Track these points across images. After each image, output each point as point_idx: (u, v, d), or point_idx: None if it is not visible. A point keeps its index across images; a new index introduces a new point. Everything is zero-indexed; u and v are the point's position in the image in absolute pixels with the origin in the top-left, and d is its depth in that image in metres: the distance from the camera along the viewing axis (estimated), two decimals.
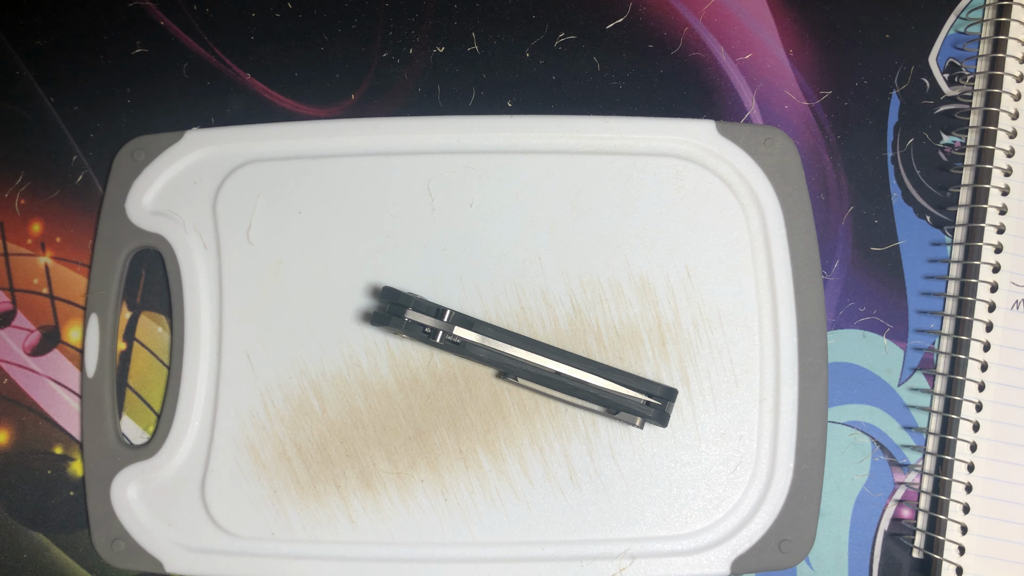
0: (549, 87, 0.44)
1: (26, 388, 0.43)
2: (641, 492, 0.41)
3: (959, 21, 0.44)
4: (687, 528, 0.41)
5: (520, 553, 0.41)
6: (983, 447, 0.41)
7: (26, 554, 0.42)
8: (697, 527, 0.41)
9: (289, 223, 0.43)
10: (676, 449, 0.41)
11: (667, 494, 0.41)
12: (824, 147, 0.44)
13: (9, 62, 0.46)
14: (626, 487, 0.41)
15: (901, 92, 0.44)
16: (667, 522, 0.41)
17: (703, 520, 0.41)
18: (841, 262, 0.43)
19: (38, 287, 0.44)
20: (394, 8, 0.45)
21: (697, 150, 0.43)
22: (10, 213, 0.44)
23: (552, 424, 0.41)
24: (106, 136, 0.45)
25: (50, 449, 0.43)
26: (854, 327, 0.43)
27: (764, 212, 0.42)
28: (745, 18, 0.45)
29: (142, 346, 0.43)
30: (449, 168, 0.43)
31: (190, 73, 0.45)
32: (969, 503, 0.41)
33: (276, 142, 0.43)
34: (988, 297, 0.42)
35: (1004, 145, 0.43)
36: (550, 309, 0.42)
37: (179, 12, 0.46)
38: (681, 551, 0.40)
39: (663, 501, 0.41)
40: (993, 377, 0.41)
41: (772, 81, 0.44)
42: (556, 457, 0.41)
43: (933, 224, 0.43)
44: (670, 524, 0.41)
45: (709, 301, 0.42)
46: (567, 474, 0.41)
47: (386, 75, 0.45)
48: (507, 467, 0.41)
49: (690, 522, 0.41)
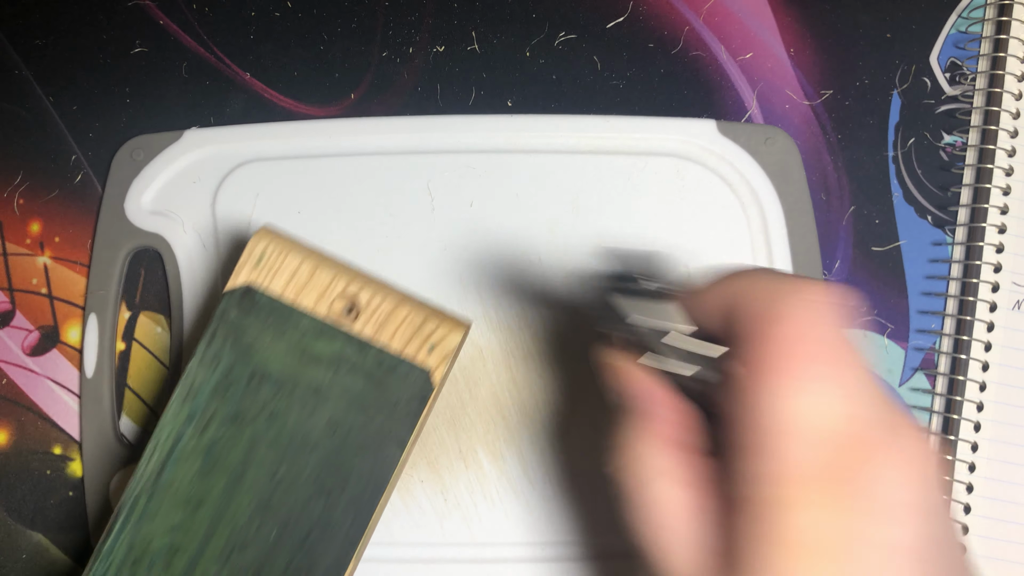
0: (549, 86, 0.44)
1: (25, 388, 0.43)
2: None
3: (960, 20, 0.44)
4: None
5: (520, 553, 0.41)
6: (984, 447, 0.41)
7: (25, 554, 0.42)
8: None
9: (289, 223, 0.43)
10: None
11: None
12: (825, 147, 0.44)
13: (8, 61, 0.45)
14: None
15: (902, 91, 0.44)
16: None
17: None
18: (842, 262, 0.43)
19: (37, 287, 0.44)
20: (394, 8, 0.45)
21: (698, 150, 0.43)
22: (9, 213, 0.44)
23: (552, 424, 0.41)
24: (105, 136, 0.45)
25: (49, 449, 0.43)
26: (854, 327, 0.43)
27: (765, 212, 0.42)
28: (746, 17, 0.45)
29: (141, 346, 0.43)
30: (449, 168, 0.43)
31: (189, 72, 0.45)
32: (970, 503, 0.41)
33: (276, 142, 0.43)
34: (989, 297, 0.42)
35: (1005, 145, 0.42)
36: (550, 309, 0.42)
37: (178, 11, 0.45)
38: None
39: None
40: (994, 377, 0.41)
41: (773, 80, 0.44)
42: (556, 457, 0.41)
43: (934, 224, 0.43)
44: None
45: None
46: (567, 474, 0.41)
47: (386, 75, 0.45)
48: (507, 467, 0.41)
49: None
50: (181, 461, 0.33)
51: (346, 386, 0.33)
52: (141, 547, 0.33)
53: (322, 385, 0.33)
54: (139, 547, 0.33)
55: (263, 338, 0.33)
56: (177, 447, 0.33)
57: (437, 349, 0.33)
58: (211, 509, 0.33)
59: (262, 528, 0.33)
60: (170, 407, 0.33)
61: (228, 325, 0.33)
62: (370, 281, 0.34)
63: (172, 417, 0.33)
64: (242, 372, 0.33)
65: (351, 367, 0.33)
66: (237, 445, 0.33)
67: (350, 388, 0.33)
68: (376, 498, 0.33)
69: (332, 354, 0.33)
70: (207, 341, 0.33)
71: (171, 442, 0.33)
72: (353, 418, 0.33)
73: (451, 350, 0.34)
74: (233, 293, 0.33)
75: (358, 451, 0.33)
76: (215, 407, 0.33)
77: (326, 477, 0.33)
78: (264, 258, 0.34)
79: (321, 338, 0.33)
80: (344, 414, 0.33)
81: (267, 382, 0.33)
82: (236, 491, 0.33)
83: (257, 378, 0.33)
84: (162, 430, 0.33)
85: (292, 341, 0.33)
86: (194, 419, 0.33)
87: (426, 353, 0.33)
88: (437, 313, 0.34)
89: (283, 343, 0.33)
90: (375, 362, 0.33)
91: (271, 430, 0.33)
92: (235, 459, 0.33)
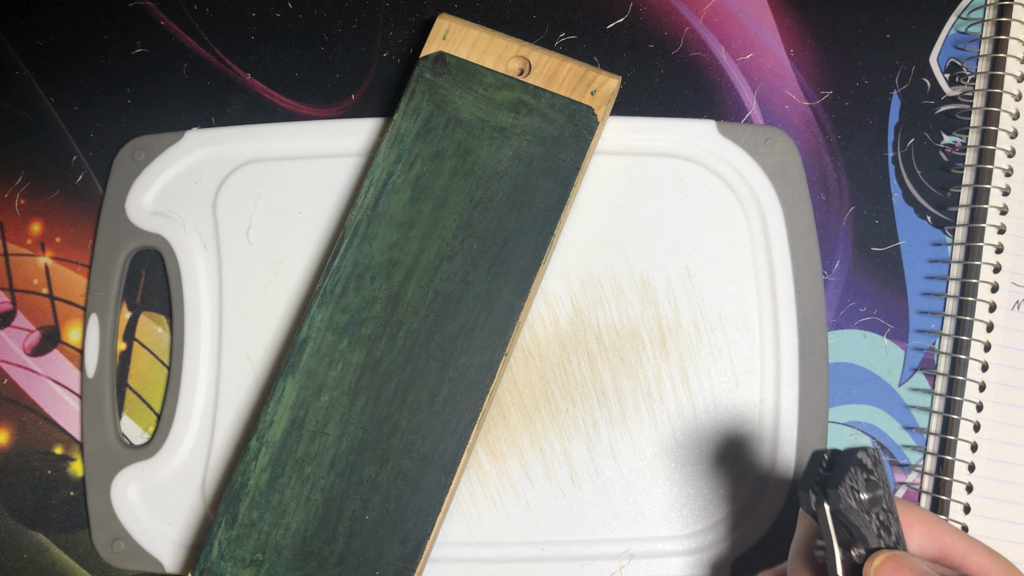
0: None
1: (26, 388, 0.43)
2: (641, 492, 0.41)
3: (960, 21, 0.44)
4: (687, 528, 0.41)
5: (520, 553, 0.41)
6: (984, 447, 0.41)
7: (26, 554, 0.42)
8: (697, 527, 0.41)
9: (289, 223, 0.43)
10: (676, 449, 0.41)
11: (667, 494, 0.41)
12: (825, 147, 0.44)
13: (9, 62, 0.45)
14: (626, 487, 0.41)
15: (902, 92, 0.44)
16: (667, 522, 0.41)
17: (703, 520, 0.41)
18: (842, 262, 0.43)
19: (38, 287, 0.44)
20: (394, 8, 0.45)
21: (698, 150, 0.43)
22: (10, 213, 0.44)
23: (552, 424, 0.41)
24: (106, 136, 0.45)
25: (50, 449, 0.43)
26: (855, 327, 0.43)
27: (765, 212, 0.42)
28: (746, 18, 0.45)
29: (142, 346, 0.43)
30: None
31: (190, 73, 0.45)
32: (970, 503, 0.41)
33: (276, 142, 0.43)
34: (989, 297, 0.42)
35: (1005, 145, 0.43)
36: (550, 309, 0.42)
37: (179, 12, 0.46)
38: (681, 551, 0.40)
39: (663, 501, 0.41)
40: (994, 377, 0.41)
41: (773, 81, 0.44)
42: (556, 457, 0.41)
43: (934, 224, 0.43)
44: (670, 524, 0.41)
45: (710, 301, 0.42)
46: (567, 474, 0.41)
47: (386, 75, 0.45)
48: (507, 467, 0.41)
49: (690, 522, 0.41)
50: (393, 193, 0.40)
51: (525, 125, 0.40)
52: (364, 263, 0.40)
53: (505, 126, 0.40)
54: (362, 263, 0.40)
55: (454, 91, 0.41)
56: (389, 182, 0.40)
57: (599, 92, 0.40)
58: (422, 229, 0.40)
59: (465, 241, 0.40)
60: (380, 152, 0.40)
61: (425, 83, 0.41)
62: (537, 47, 0.41)
63: (383, 159, 0.40)
64: (439, 119, 0.40)
65: (528, 110, 0.40)
66: (440, 177, 0.40)
67: (529, 126, 0.40)
68: (558, 213, 0.40)
69: (512, 100, 0.41)
70: (408, 98, 0.41)
71: (383, 179, 0.40)
72: (533, 150, 0.40)
73: (610, 92, 0.41)
74: (427, 59, 0.41)
75: (540, 175, 0.40)
76: (419, 148, 0.40)
77: (515, 197, 0.40)
78: (448, 33, 0.41)
79: (502, 89, 0.41)
80: (526, 147, 0.40)
81: (460, 126, 0.40)
82: (441, 213, 0.40)
83: (452, 123, 0.40)
84: (375, 171, 0.40)
85: (478, 93, 0.41)
86: (401, 159, 0.40)
87: (590, 96, 0.41)
88: (594, 68, 0.41)
89: (471, 95, 0.41)
90: (548, 104, 0.40)
91: (467, 163, 0.40)
92: (439, 188, 0.40)
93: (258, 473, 0.38)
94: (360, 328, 0.39)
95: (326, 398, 0.39)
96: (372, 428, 0.39)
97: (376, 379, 0.39)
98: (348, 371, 0.39)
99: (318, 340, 0.39)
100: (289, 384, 0.39)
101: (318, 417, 0.39)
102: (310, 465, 0.38)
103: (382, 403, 0.39)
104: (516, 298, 0.39)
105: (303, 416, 0.39)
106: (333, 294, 0.39)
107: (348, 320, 0.39)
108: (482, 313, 0.39)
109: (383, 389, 0.39)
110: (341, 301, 0.39)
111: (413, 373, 0.39)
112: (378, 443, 0.39)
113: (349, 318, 0.39)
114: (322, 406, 0.39)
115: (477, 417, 0.39)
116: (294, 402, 0.39)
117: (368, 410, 0.39)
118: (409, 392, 0.39)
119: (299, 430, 0.39)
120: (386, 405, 0.39)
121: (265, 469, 0.38)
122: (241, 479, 0.39)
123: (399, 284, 0.39)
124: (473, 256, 0.40)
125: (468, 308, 0.39)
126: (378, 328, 0.39)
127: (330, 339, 0.39)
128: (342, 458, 0.38)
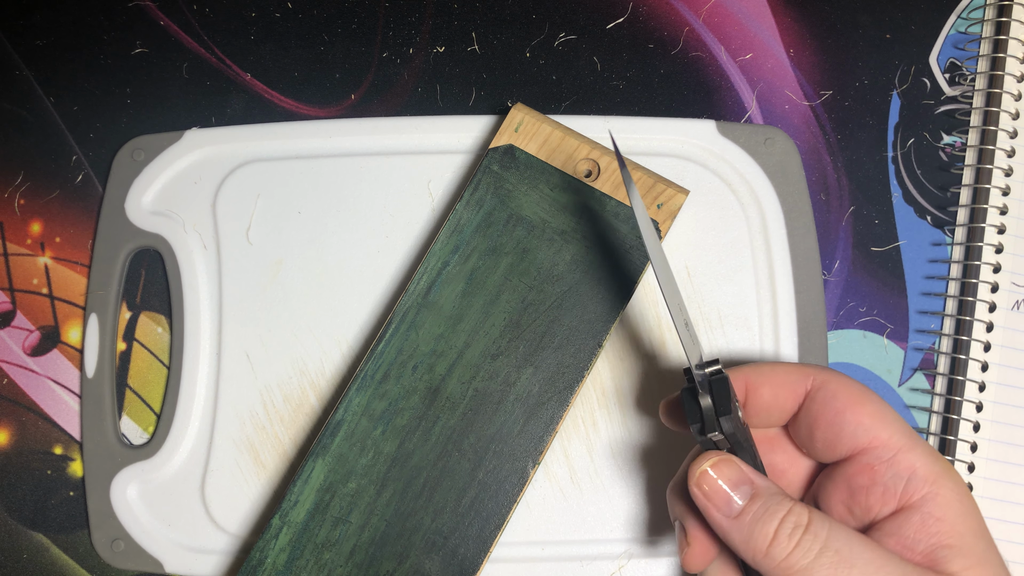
0: (549, 87, 0.44)
1: (26, 388, 0.43)
2: (641, 492, 0.41)
3: (960, 21, 0.44)
4: None
5: (520, 553, 0.41)
6: (984, 447, 0.41)
7: (26, 554, 0.42)
8: None
9: (289, 223, 0.43)
10: (676, 449, 0.41)
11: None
12: (824, 147, 0.44)
13: (9, 62, 0.45)
14: (626, 487, 0.41)
15: (902, 92, 0.44)
16: (667, 522, 0.41)
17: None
18: (841, 262, 0.43)
19: (38, 287, 0.44)
20: (394, 8, 0.45)
21: (697, 150, 0.43)
22: (10, 213, 0.44)
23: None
24: (106, 136, 0.45)
25: (50, 449, 0.43)
26: (854, 327, 0.43)
27: (764, 212, 0.42)
28: (745, 18, 0.45)
29: (142, 346, 0.43)
30: (449, 168, 0.43)
31: (190, 73, 0.45)
32: None
33: (276, 142, 0.43)
34: (988, 297, 0.42)
35: (1005, 145, 0.43)
36: None
37: (179, 12, 0.46)
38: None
39: (663, 501, 0.41)
40: (993, 377, 0.41)
41: (772, 81, 0.44)
42: (556, 457, 0.41)
43: (934, 224, 0.43)
44: (670, 524, 0.41)
45: (709, 301, 0.42)
46: (567, 474, 0.41)
47: (386, 75, 0.45)
48: None
49: None
50: (446, 283, 0.39)
51: (587, 231, 0.39)
52: (408, 351, 0.39)
53: (567, 229, 0.40)
54: (407, 351, 0.39)
55: (519, 188, 0.40)
56: (444, 272, 0.39)
57: (665, 206, 0.40)
58: (470, 323, 0.39)
59: (512, 342, 0.39)
60: (437, 241, 0.40)
61: (491, 176, 0.40)
62: (608, 150, 0.41)
63: (440, 248, 0.40)
64: (501, 214, 0.40)
65: (592, 215, 0.40)
66: (494, 273, 0.39)
67: (590, 232, 0.40)
68: (609, 325, 0.39)
69: (576, 204, 0.40)
70: (472, 189, 0.40)
71: (438, 268, 0.39)
72: (592, 257, 0.39)
73: (676, 208, 0.40)
74: (496, 151, 0.40)
75: (596, 283, 0.39)
76: (477, 241, 0.39)
77: (568, 303, 0.39)
78: (521, 126, 0.40)
79: (568, 191, 0.40)
80: (585, 253, 0.39)
81: (521, 224, 0.40)
82: (492, 310, 0.39)
83: (513, 220, 0.40)
84: (431, 258, 0.39)
85: (543, 192, 0.40)
86: (459, 250, 0.39)
87: (656, 209, 0.40)
88: (664, 179, 0.40)
89: (536, 193, 0.40)
90: (612, 213, 0.40)
91: (523, 263, 0.39)
92: (492, 284, 0.39)
93: (276, 552, 0.38)
94: (396, 417, 0.38)
95: (353, 485, 0.38)
96: (395, 522, 0.38)
97: (405, 472, 0.38)
98: (379, 460, 0.38)
99: (352, 424, 0.38)
100: (319, 466, 0.38)
101: (343, 504, 0.38)
102: (329, 552, 0.38)
103: (408, 498, 0.38)
104: (556, 408, 0.38)
105: (328, 501, 0.38)
106: (373, 379, 0.39)
107: (385, 408, 0.38)
108: (520, 418, 0.38)
109: (411, 483, 0.38)
110: (381, 387, 0.39)
111: (443, 471, 0.38)
112: (399, 538, 0.38)
113: (386, 406, 0.38)
114: (348, 493, 0.38)
115: (502, 524, 0.38)
116: (321, 485, 0.38)
117: (394, 504, 0.38)
118: (437, 490, 0.38)
119: (323, 514, 0.38)
120: (412, 500, 0.38)
121: (284, 549, 0.38)
122: (259, 555, 0.38)
123: (440, 377, 0.39)
124: (518, 358, 0.39)
125: (506, 411, 0.38)
126: (414, 420, 0.38)
127: (364, 425, 0.38)
128: (362, 549, 0.38)
